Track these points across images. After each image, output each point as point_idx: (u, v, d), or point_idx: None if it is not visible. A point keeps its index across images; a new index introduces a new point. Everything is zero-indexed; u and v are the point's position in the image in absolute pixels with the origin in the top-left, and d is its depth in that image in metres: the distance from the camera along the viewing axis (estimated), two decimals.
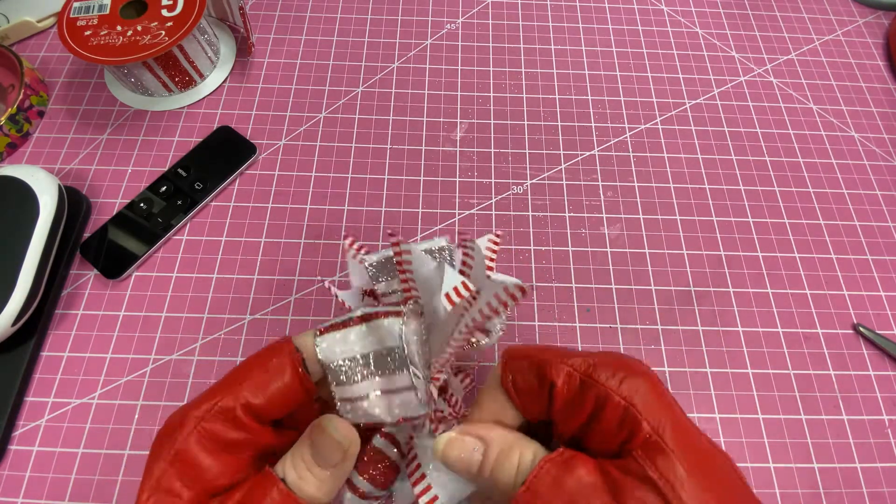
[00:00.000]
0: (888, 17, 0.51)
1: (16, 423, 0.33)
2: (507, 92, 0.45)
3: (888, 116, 0.45)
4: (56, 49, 0.46)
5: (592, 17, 0.50)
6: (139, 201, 0.39)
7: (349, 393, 0.23)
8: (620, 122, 0.44)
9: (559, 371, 0.21)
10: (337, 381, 0.23)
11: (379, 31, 0.48)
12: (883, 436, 0.34)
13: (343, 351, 0.23)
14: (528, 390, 0.23)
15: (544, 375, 0.22)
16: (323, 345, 0.23)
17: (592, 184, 0.42)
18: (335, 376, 0.23)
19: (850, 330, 0.37)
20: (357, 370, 0.23)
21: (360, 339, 0.23)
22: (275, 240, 0.39)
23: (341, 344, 0.23)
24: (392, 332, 0.23)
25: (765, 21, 0.50)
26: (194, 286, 0.37)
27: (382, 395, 0.23)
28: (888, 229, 0.40)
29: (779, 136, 0.44)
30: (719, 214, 0.41)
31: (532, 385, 0.23)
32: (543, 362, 0.22)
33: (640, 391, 0.20)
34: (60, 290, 0.37)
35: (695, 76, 0.47)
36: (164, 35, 0.39)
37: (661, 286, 0.38)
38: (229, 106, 0.44)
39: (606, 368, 0.21)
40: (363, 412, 0.23)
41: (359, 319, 0.23)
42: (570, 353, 0.22)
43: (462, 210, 0.40)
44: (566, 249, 0.39)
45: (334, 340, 0.23)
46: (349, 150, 0.42)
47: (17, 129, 0.41)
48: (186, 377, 0.34)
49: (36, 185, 0.35)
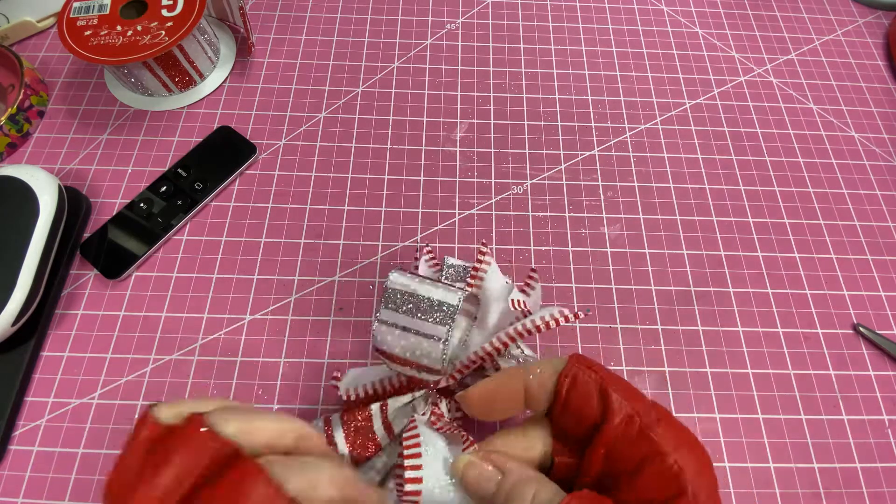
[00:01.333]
0: (888, 17, 0.51)
1: (16, 423, 0.33)
2: (507, 92, 0.45)
3: (888, 116, 0.45)
4: (56, 49, 0.46)
5: (592, 17, 0.50)
6: (139, 201, 0.39)
7: (391, 318, 0.27)
8: (620, 122, 0.44)
9: (622, 409, 0.22)
10: (385, 304, 0.27)
11: (379, 31, 0.48)
12: (883, 436, 0.34)
13: (405, 284, 0.27)
14: (578, 404, 0.23)
15: (607, 403, 0.22)
16: (394, 274, 0.28)
17: (592, 184, 0.42)
18: (388, 298, 0.27)
19: (850, 330, 0.37)
20: (406, 302, 0.27)
21: (425, 284, 0.27)
22: (275, 240, 0.39)
23: (407, 277, 0.27)
24: (454, 293, 0.27)
25: (765, 21, 0.50)
26: (194, 286, 0.37)
27: (412, 335, 0.26)
28: (888, 229, 0.40)
29: (779, 136, 0.44)
30: (719, 214, 0.41)
31: (586, 402, 0.23)
32: (609, 389, 0.23)
33: (692, 466, 0.21)
34: (60, 290, 0.37)
35: (695, 76, 0.47)
36: (164, 35, 0.39)
37: (661, 286, 0.38)
38: (229, 106, 0.44)
39: (669, 431, 0.22)
40: (389, 340, 0.27)
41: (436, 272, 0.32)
42: (638, 395, 0.23)
43: (462, 210, 0.40)
44: (566, 249, 0.39)
45: (405, 276, 0.28)
46: (349, 150, 0.42)
47: (17, 129, 0.41)
48: (186, 377, 0.34)
49: (36, 185, 0.35)
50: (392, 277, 0.27)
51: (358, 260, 0.38)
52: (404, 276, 0.28)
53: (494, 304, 0.29)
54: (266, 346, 0.35)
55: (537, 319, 0.26)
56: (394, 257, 0.38)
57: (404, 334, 0.27)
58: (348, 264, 0.38)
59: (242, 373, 0.34)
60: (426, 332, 0.26)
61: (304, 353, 0.35)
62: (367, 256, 0.38)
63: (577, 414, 0.23)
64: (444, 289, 0.27)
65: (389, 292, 0.27)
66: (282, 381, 0.34)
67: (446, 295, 0.27)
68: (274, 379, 0.34)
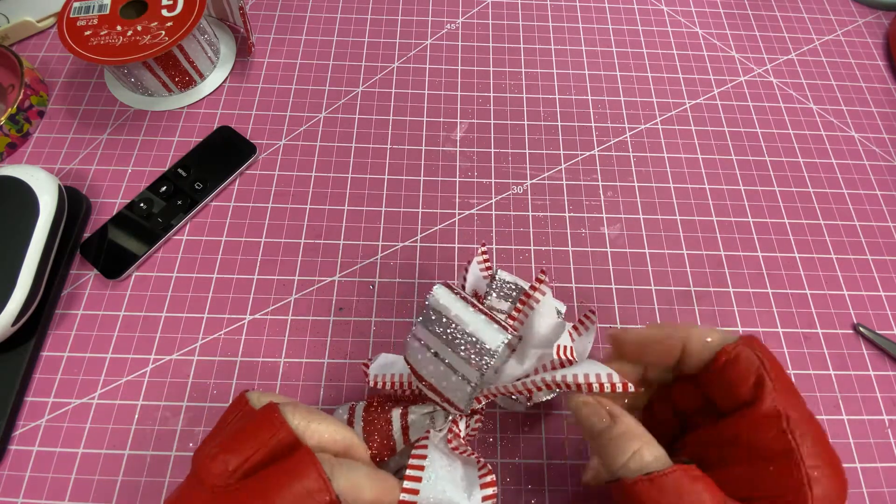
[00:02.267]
0: (888, 17, 0.51)
1: (16, 423, 0.33)
2: (507, 92, 0.45)
3: (888, 116, 0.45)
4: (56, 49, 0.46)
5: (592, 17, 0.50)
6: (139, 201, 0.39)
7: (425, 338, 0.25)
8: (620, 122, 0.44)
9: (772, 402, 0.22)
10: (422, 321, 0.26)
11: (379, 31, 0.48)
12: (883, 436, 0.34)
13: (446, 307, 0.25)
14: (732, 380, 0.23)
15: (759, 392, 0.22)
16: (438, 291, 0.26)
17: (592, 184, 0.42)
18: (426, 316, 0.26)
19: (850, 330, 0.37)
20: (444, 326, 0.25)
21: (469, 311, 0.25)
22: (275, 240, 0.39)
23: (451, 298, 0.26)
24: (497, 332, 0.25)
25: (765, 21, 0.50)
26: (194, 286, 0.37)
27: (443, 364, 0.25)
28: (888, 229, 0.40)
29: (779, 136, 0.44)
30: (719, 214, 0.41)
31: (741, 381, 0.23)
32: (768, 379, 0.23)
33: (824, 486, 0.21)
34: (60, 290, 0.37)
35: (695, 76, 0.47)
36: (164, 35, 0.39)
37: (661, 286, 0.38)
38: (229, 106, 0.44)
39: (815, 447, 0.22)
40: (419, 360, 0.26)
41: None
42: (797, 401, 0.23)
43: (462, 210, 0.40)
44: (566, 249, 0.39)
45: (449, 294, 0.26)
46: (349, 150, 0.42)
47: (17, 129, 0.41)
48: (186, 377, 0.34)
49: (36, 185, 0.35)
50: (435, 294, 0.26)
51: (358, 260, 0.38)
52: (448, 296, 0.26)
53: (538, 342, 0.27)
54: (266, 346, 0.35)
55: (580, 376, 0.24)
56: (394, 257, 0.38)
57: (435, 359, 0.25)
58: (348, 264, 0.38)
59: (242, 373, 0.34)
60: (457, 367, 0.25)
61: (304, 353, 0.35)
62: (367, 256, 0.38)
63: (726, 388, 0.23)
64: (486, 323, 0.25)
65: (429, 310, 0.25)
66: (282, 381, 0.34)
67: (488, 332, 0.25)
68: (274, 379, 0.34)
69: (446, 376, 0.25)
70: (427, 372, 0.26)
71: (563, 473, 0.32)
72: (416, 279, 0.38)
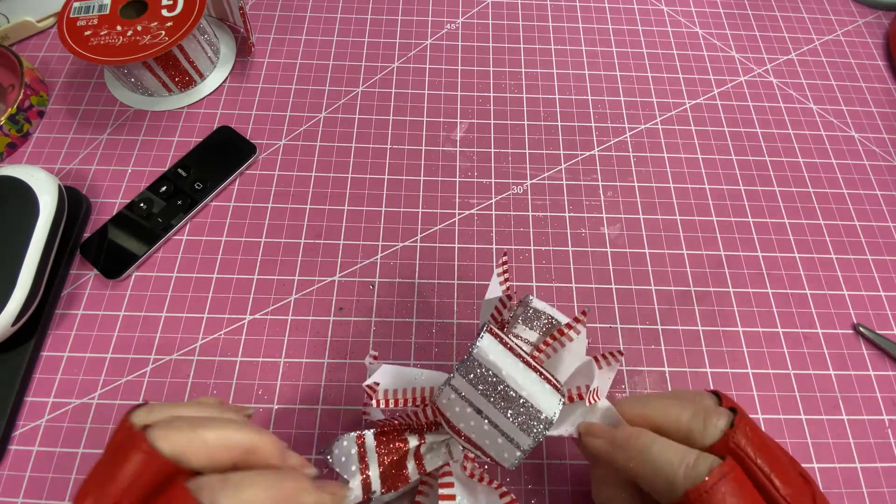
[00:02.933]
0: (888, 17, 0.51)
1: (16, 423, 0.33)
2: (507, 92, 0.45)
3: (888, 116, 0.45)
4: (56, 49, 0.46)
5: (592, 17, 0.50)
6: (139, 201, 0.39)
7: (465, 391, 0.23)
8: (620, 122, 0.44)
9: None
10: (464, 373, 0.23)
11: (379, 31, 0.48)
12: (883, 436, 0.34)
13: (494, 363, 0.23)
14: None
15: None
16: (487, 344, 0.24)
17: (592, 184, 0.42)
18: (469, 369, 0.23)
19: (850, 330, 0.37)
20: (490, 385, 0.23)
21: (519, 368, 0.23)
22: (275, 240, 0.39)
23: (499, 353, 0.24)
24: (550, 395, 0.23)
25: (765, 21, 0.50)
26: (194, 286, 0.37)
27: (486, 422, 0.23)
28: (888, 229, 0.40)
29: (779, 136, 0.44)
30: (719, 214, 0.41)
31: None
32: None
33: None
34: (60, 290, 0.37)
35: (695, 76, 0.47)
36: (164, 35, 0.39)
37: (661, 286, 0.38)
38: (229, 106, 0.44)
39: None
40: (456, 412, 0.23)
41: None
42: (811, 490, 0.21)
43: (462, 210, 0.40)
44: (566, 249, 0.39)
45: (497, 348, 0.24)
46: (349, 150, 0.42)
47: (17, 129, 0.41)
48: (186, 377, 0.34)
49: (36, 185, 0.35)
50: (483, 347, 0.23)
51: (358, 260, 0.38)
52: (498, 349, 0.24)
53: (562, 379, 0.26)
54: (266, 346, 0.35)
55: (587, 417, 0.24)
56: (394, 257, 0.38)
57: (477, 416, 0.23)
58: (348, 264, 0.38)
59: (242, 373, 0.34)
60: (503, 428, 0.23)
61: (304, 353, 0.35)
62: (367, 256, 0.38)
63: None
64: (541, 385, 0.23)
65: (473, 362, 0.23)
66: (282, 381, 0.34)
67: (543, 398, 0.23)
68: (274, 379, 0.34)
69: (490, 436, 0.23)
70: (466, 426, 0.24)
71: (563, 473, 0.32)
72: (416, 279, 0.38)
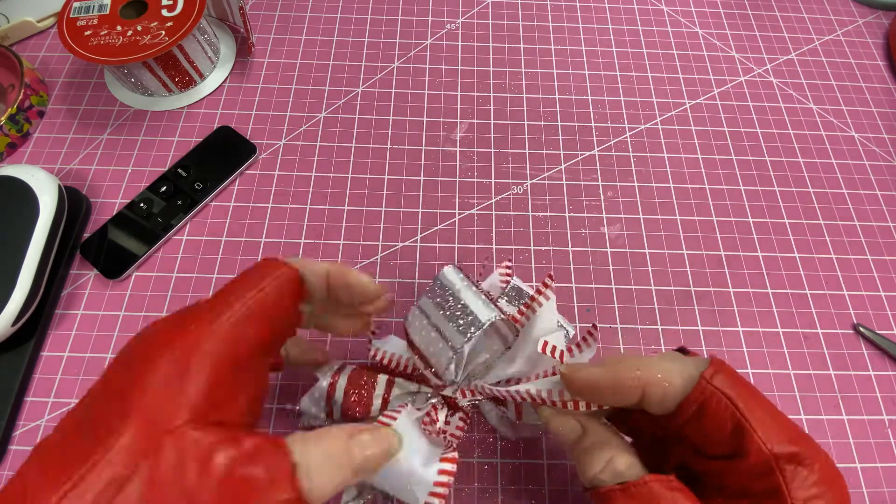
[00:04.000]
0: (888, 17, 0.51)
1: (16, 423, 0.33)
2: (507, 92, 0.45)
3: (888, 116, 0.45)
4: (56, 49, 0.46)
5: (592, 17, 0.50)
6: (139, 201, 0.39)
7: (426, 308, 0.27)
8: (620, 122, 0.44)
9: (759, 454, 0.19)
10: (428, 293, 0.27)
11: (379, 31, 0.48)
12: (883, 436, 0.34)
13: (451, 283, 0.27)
14: (705, 431, 0.21)
15: (741, 442, 0.20)
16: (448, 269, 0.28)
17: (592, 184, 0.42)
18: (432, 288, 0.27)
19: (850, 330, 0.37)
20: (445, 298, 0.27)
21: (471, 291, 0.27)
22: (275, 240, 0.39)
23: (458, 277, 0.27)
24: (491, 310, 0.26)
25: (765, 21, 0.50)
26: (194, 286, 0.37)
27: (434, 331, 0.26)
28: (888, 229, 0.40)
29: (779, 136, 0.44)
30: (719, 214, 0.41)
31: (715, 431, 0.20)
32: (747, 426, 0.20)
33: None
34: (60, 290, 0.37)
35: (695, 76, 0.47)
36: (164, 35, 0.39)
37: (661, 286, 0.38)
38: (229, 106, 0.44)
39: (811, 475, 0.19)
40: (416, 326, 0.27)
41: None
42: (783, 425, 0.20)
43: (462, 210, 0.40)
44: (566, 249, 0.39)
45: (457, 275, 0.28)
46: (349, 150, 0.42)
47: (17, 129, 0.41)
48: None
49: (36, 185, 0.35)
50: (444, 271, 0.28)
51: (358, 260, 0.38)
52: (456, 275, 0.27)
53: (532, 345, 0.27)
54: None
55: (545, 393, 0.24)
56: (394, 257, 0.38)
57: (428, 327, 0.26)
58: (348, 264, 0.38)
59: None
60: (446, 334, 0.26)
61: None
62: (367, 256, 0.38)
63: (702, 438, 0.21)
64: (484, 303, 0.26)
65: (435, 283, 0.27)
66: (281, 381, 0.34)
67: (482, 308, 0.26)
68: (273, 379, 0.34)
69: (434, 342, 0.26)
70: (419, 338, 0.27)
71: (563, 473, 0.32)
72: (416, 279, 0.38)
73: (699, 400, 0.21)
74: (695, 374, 0.21)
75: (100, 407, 0.18)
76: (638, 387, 0.21)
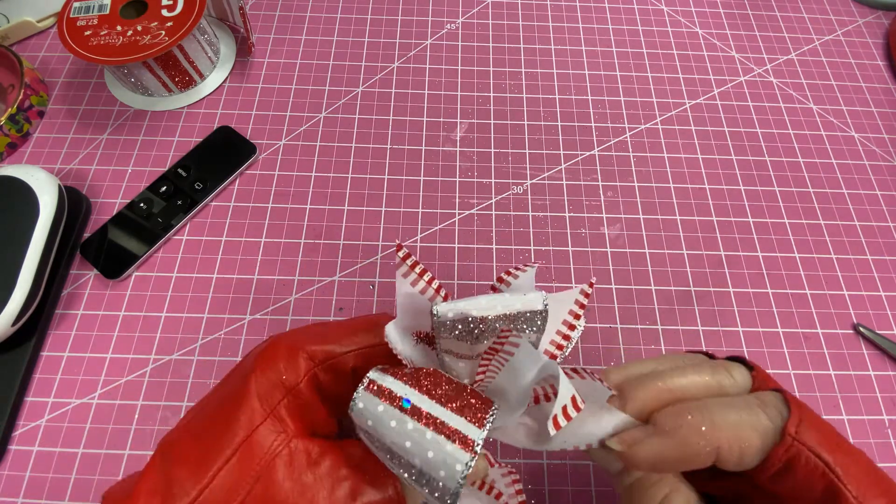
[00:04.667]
0: (888, 17, 0.51)
1: (16, 423, 0.33)
2: (507, 92, 0.45)
3: (888, 116, 0.45)
4: (56, 49, 0.46)
5: (592, 17, 0.50)
6: (139, 201, 0.39)
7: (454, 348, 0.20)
8: (620, 122, 0.44)
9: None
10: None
11: (379, 31, 0.48)
12: (883, 436, 0.34)
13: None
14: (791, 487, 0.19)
15: (834, 499, 0.18)
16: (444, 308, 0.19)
17: (592, 184, 0.42)
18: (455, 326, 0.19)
19: (850, 330, 0.37)
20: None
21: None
22: (275, 240, 0.39)
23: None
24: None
25: (765, 21, 0.50)
26: (194, 286, 0.37)
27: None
28: (888, 229, 0.40)
29: (779, 136, 0.44)
30: (719, 214, 0.41)
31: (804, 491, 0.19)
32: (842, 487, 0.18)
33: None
34: (60, 290, 0.37)
35: (695, 76, 0.47)
36: (164, 35, 0.39)
37: (661, 286, 0.38)
38: (229, 106, 0.44)
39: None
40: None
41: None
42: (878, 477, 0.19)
43: (462, 210, 0.40)
44: (566, 249, 0.39)
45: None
46: (349, 150, 0.42)
47: (17, 129, 0.41)
48: (186, 377, 0.34)
49: (36, 185, 0.35)
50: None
51: (358, 260, 0.38)
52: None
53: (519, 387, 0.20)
54: None
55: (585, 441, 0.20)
56: (394, 257, 0.38)
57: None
58: (348, 264, 0.38)
59: None
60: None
61: None
62: (367, 256, 0.38)
63: (784, 492, 0.19)
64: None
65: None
66: None
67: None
68: None
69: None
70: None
71: (563, 473, 0.32)
72: None
73: (784, 459, 0.19)
74: (770, 426, 0.19)
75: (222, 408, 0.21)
76: (710, 452, 0.19)
